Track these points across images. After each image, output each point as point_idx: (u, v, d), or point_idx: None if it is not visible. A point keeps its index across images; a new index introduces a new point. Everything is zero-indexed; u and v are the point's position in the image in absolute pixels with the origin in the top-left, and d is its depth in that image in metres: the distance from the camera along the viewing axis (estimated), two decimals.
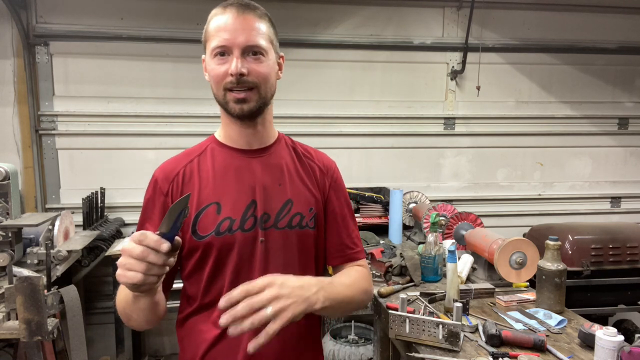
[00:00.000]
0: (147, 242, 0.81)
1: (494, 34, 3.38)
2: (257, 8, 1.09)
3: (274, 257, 1.09)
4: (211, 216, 1.07)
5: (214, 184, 1.10)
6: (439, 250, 2.15)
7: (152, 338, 3.28)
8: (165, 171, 1.13)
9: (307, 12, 3.18)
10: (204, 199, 1.09)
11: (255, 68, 1.04)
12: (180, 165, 1.13)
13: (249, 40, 1.03)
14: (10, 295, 1.76)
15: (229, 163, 1.12)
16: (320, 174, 1.20)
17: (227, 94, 1.05)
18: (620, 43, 3.48)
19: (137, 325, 1.04)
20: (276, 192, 1.12)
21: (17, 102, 2.98)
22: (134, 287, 0.85)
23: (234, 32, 1.03)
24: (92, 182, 3.02)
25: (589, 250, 2.68)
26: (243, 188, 1.10)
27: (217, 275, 1.08)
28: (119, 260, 0.83)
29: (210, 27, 1.07)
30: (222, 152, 1.14)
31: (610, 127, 3.58)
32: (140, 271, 0.81)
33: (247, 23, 1.04)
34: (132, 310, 0.99)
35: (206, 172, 1.11)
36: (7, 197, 2.25)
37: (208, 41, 1.08)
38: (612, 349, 1.32)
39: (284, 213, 1.11)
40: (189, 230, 1.07)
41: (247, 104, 1.06)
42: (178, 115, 3.11)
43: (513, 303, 1.88)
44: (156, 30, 3.02)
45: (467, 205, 3.36)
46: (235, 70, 1.01)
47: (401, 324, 1.57)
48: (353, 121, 3.30)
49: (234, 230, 1.07)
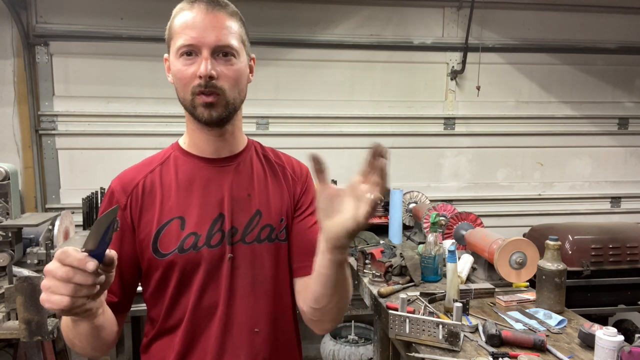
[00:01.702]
0: (70, 261, 0.70)
1: (494, 34, 3.38)
2: (228, 5, 1.00)
3: (242, 274, 1.01)
4: (174, 232, 0.98)
5: (177, 196, 1.00)
6: (439, 250, 2.15)
7: None
8: (123, 182, 1.02)
9: (307, 12, 3.18)
10: (166, 214, 0.99)
11: (225, 72, 0.95)
12: (140, 176, 1.02)
13: (220, 40, 0.94)
14: (10, 295, 1.76)
15: (195, 174, 1.02)
16: (292, 180, 1.11)
17: (195, 98, 0.96)
18: (620, 43, 3.48)
19: (82, 352, 0.93)
20: (245, 204, 1.03)
21: (17, 102, 2.98)
22: (63, 312, 0.74)
23: (203, 31, 0.94)
24: (92, 182, 3.01)
25: (589, 250, 2.68)
26: (210, 200, 1.01)
27: (181, 296, 1.00)
28: (42, 283, 0.72)
29: (176, 24, 0.98)
30: (186, 161, 1.04)
31: (610, 127, 3.58)
32: (67, 294, 0.71)
33: (217, 21, 0.95)
34: (73, 336, 0.89)
35: (169, 184, 1.01)
36: (7, 197, 2.25)
37: (173, 39, 0.98)
38: (612, 349, 1.32)
39: (252, 226, 1.03)
40: (149, 248, 0.98)
41: (215, 110, 0.96)
42: (178, 115, 3.10)
43: (513, 303, 1.88)
44: (156, 30, 3.01)
45: (467, 205, 3.35)
46: (205, 72, 0.92)
47: (401, 324, 1.57)
48: (353, 121, 3.30)
49: (200, 246, 0.98)
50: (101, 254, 0.74)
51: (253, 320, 1.01)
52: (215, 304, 0.99)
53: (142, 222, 0.99)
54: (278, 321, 1.05)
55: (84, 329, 0.85)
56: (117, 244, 0.97)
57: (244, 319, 1.00)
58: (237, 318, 1.00)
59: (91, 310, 0.79)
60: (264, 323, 1.02)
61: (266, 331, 1.02)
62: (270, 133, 3.17)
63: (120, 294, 1.00)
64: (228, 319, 0.99)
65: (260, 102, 3.13)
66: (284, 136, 3.18)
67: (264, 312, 1.03)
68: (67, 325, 0.89)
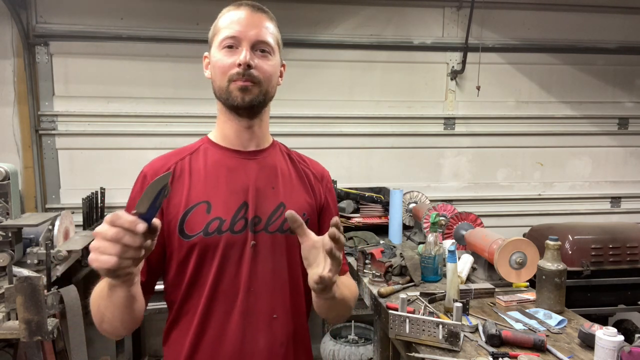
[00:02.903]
0: (121, 222, 0.75)
1: (494, 34, 3.38)
2: (269, 12, 1.11)
3: (262, 261, 1.06)
4: (200, 215, 1.03)
5: (205, 182, 1.06)
6: (439, 250, 2.15)
7: (152, 338, 3.28)
8: (155, 167, 1.09)
9: (307, 12, 3.18)
10: (193, 198, 1.04)
11: (261, 64, 1.04)
12: (170, 162, 1.09)
13: (259, 36, 1.04)
14: (10, 295, 1.76)
15: (222, 162, 1.09)
16: (315, 181, 1.18)
17: (230, 84, 1.03)
18: (620, 43, 3.48)
19: (110, 327, 0.95)
20: (269, 195, 1.08)
21: (17, 102, 2.98)
22: (108, 272, 0.77)
23: (246, 26, 1.04)
24: (92, 182, 3.02)
25: (589, 250, 2.68)
26: (235, 188, 1.06)
27: (199, 277, 1.04)
28: (92, 244, 0.77)
29: (221, 22, 1.07)
30: (215, 151, 1.11)
31: (610, 127, 3.58)
32: (115, 254, 0.75)
33: (259, 20, 1.06)
34: (105, 307, 0.92)
35: (197, 171, 1.08)
36: (7, 197, 2.25)
37: (217, 34, 1.07)
38: (612, 349, 1.31)
39: (275, 217, 1.07)
40: (176, 230, 1.03)
41: (249, 95, 1.04)
42: (178, 115, 3.11)
43: (513, 303, 1.88)
44: (156, 30, 3.02)
45: (467, 205, 3.36)
46: (244, 60, 1.01)
47: (401, 324, 1.57)
48: (353, 121, 3.30)
49: (224, 231, 1.03)
50: (149, 219, 0.77)
51: (271, 306, 1.06)
52: (236, 289, 1.03)
53: (171, 205, 1.04)
54: (294, 308, 1.10)
55: (119, 297, 0.87)
56: None
57: (263, 304, 1.05)
58: (257, 303, 1.04)
59: (131, 275, 0.82)
60: (281, 309, 1.07)
61: (283, 317, 1.07)
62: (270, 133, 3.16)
63: (147, 275, 1.03)
64: (249, 304, 1.04)
65: None
66: (284, 136, 3.17)
67: (281, 299, 1.07)
68: (101, 296, 0.92)
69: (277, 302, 1.07)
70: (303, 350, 1.14)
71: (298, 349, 1.12)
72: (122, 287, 0.85)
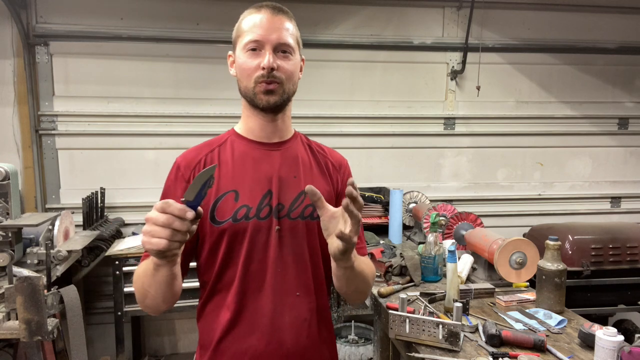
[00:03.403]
0: (172, 210, 0.85)
1: (494, 34, 3.38)
2: (288, 12, 1.18)
3: (287, 244, 1.14)
4: (229, 203, 1.13)
5: (233, 172, 1.15)
6: (439, 250, 2.15)
7: (152, 338, 3.28)
8: (188, 159, 1.18)
9: (307, 12, 3.18)
10: (222, 187, 1.14)
11: (283, 65, 1.12)
12: (202, 154, 1.18)
13: (281, 38, 1.12)
14: (10, 295, 1.76)
15: (248, 154, 1.18)
16: (333, 169, 1.27)
17: (256, 86, 1.12)
18: (620, 43, 3.48)
19: (153, 303, 1.05)
20: (291, 184, 1.17)
21: (17, 102, 2.98)
22: (158, 253, 0.88)
23: (268, 30, 1.11)
24: (92, 182, 3.02)
25: (589, 250, 2.68)
26: (260, 178, 1.16)
27: (230, 260, 1.13)
28: (144, 228, 0.87)
29: (244, 25, 1.14)
30: (241, 143, 1.20)
31: (610, 127, 3.58)
32: (165, 237, 0.85)
33: (280, 22, 1.13)
34: (149, 285, 1.02)
35: (226, 162, 1.17)
36: (7, 197, 2.25)
37: (240, 37, 1.15)
38: (612, 349, 1.32)
39: (297, 204, 1.16)
40: (207, 216, 1.12)
41: (273, 97, 1.12)
42: (178, 115, 3.10)
43: (513, 303, 1.88)
44: (156, 30, 3.02)
45: (467, 205, 3.36)
46: (268, 64, 1.09)
47: (401, 324, 1.57)
48: (353, 121, 3.30)
49: (251, 217, 1.12)
50: (196, 206, 0.87)
51: (295, 285, 1.16)
52: (264, 269, 1.13)
53: None
54: (315, 288, 1.20)
55: (163, 275, 0.97)
56: None
57: (288, 283, 1.15)
58: (283, 282, 1.14)
59: (176, 256, 0.94)
60: (304, 288, 1.17)
61: (306, 295, 1.17)
62: None
63: (182, 257, 1.09)
64: (276, 283, 1.14)
65: None
66: None
67: (304, 278, 1.17)
68: (146, 274, 1.02)
69: (300, 281, 1.16)
70: (324, 325, 1.24)
71: (320, 324, 1.21)
72: (166, 267, 0.95)
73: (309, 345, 1.18)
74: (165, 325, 3.28)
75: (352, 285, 1.13)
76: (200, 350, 1.20)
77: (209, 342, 1.16)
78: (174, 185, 1.16)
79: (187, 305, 2.64)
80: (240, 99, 1.20)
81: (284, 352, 1.14)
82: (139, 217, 3.12)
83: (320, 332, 1.21)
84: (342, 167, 1.30)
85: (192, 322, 3.29)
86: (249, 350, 1.13)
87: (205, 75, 3.06)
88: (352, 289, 1.15)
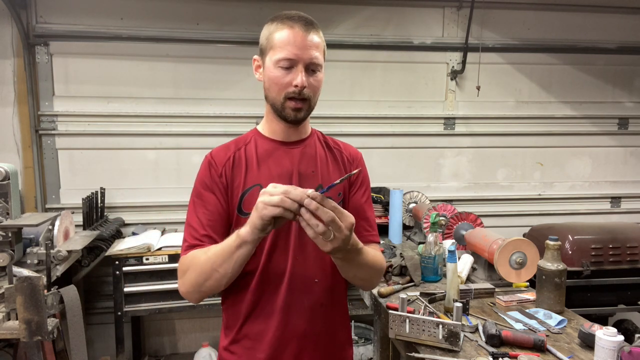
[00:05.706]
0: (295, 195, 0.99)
1: (494, 34, 3.38)
2: (317, 24, 1.25)
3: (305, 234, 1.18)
4: (255, 196, 1.16)
5: (258, 168, 1.27)
6: (439, 250, 2.15)
7: (152, 338, 3.28)
8: (219, 156, 1.28)
9: (307, 12, 3.12)
10: (249, 181, 1.25)
11: (312, 82, 1.22)
12: (230, 152, 1.29)
13: (313, 58, 1.20)
14: (10, 295, 1.76)
15: (271, 152, 1.29)
16: (347, 163, 1.37)
17: (286, 102, 1.22)
18: (620, 43, 3.48)
19: (215, 284, 1.14)
20: (310, 178, 1.28)
21: (17, 102, 2.98)
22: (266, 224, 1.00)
23: (301, 49, 1.19)
24: (92, 182, 3.02)
25: (589, 250, 2.68)
26: (282, 173, 1.26)
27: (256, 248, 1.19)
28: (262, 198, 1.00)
29: (276, 38, 1.21)
30: (264, 142, 1.31)
31: (610, 127, 3.58)
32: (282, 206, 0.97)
33: (312, 41, 1.21)
34: (220, 265, 1.10)
35: (251, 158, 1.28)
36: (7, 197, 2.25)
37: (273, 49, 1.21)
38: (612, 349, 1.32)
39: None
40: (236, 208, 1.23)
41: (301, 113, 1.24)
42: (178, 115, 3.10)
43: (513, 303, 1.88)
44: (156, 30, 3.02)
45: (467, 205, 3.36)
46: (301, 83, 1.18)
47: (401, 324, 1.57)
48: (353, 121, 3.30)
49: None
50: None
51: (313, 272, 1.25)
52: (285, 256, 1.23)
53: (233, 187, 1.26)
54: (332, 276, 1.28)
55: (243, 254, 1.08)
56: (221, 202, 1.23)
57: (307, 270, 1.25)
58: (303, 269, 1.24)
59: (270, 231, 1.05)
60: (321, 275, 1.26)
61: (323, 282, 1.27)
62: None
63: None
64: (295, 270, 1.23)
65: (260, 102, 3.08)
66: None
67: (321, 266, 1.26)
68: (221, 254, 1.11)
69: (318, 268, 1.25)
70: (340, 309, 1.35)
71: (335, 310, 1.32)
72: (252, 244, 1.07)
73: (325, 330, 1.28)
74: (165, 325, 3.28)
75: (349, 272, 1.22)
76: (225, 331, 1.31)
77: (233, 324, 1.27)
78: (208, 178, 1.25)
79: (187, 305, 2.64)
80: (264, 102, 1.28)
81: (301, 335, 1.24)
82: (139, 217, 3.12)
83: (335, 316, 1.32)
84: (356, 161, 1.39)
85: (192, 322, 3.30)
86: (267, 332, 1.23)
87: (205, 75, 3.05)
88: (351, 276, 1.24)
